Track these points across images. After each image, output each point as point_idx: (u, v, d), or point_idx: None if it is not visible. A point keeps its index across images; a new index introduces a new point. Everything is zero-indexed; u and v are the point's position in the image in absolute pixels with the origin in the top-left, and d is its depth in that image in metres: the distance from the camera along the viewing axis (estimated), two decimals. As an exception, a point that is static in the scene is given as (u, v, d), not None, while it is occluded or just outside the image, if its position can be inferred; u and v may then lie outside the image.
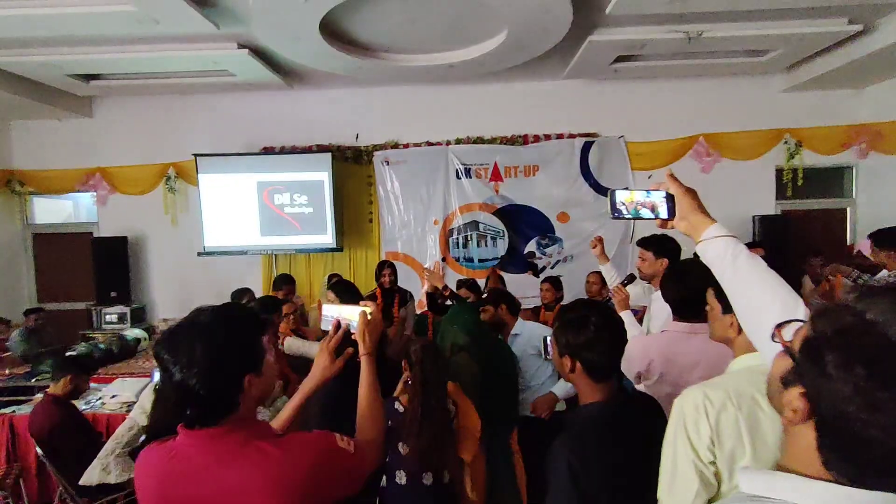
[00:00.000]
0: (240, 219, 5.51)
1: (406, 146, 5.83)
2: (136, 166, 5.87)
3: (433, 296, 3.80)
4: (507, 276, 5.69)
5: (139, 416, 2.07)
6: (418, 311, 4.58)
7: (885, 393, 0.54)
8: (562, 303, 4.17)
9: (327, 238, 5.57)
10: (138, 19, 3.81)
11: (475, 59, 4.70)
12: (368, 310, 1.33)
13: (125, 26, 3.96)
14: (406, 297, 4.21)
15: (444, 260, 5.86)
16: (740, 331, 1.25)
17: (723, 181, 5.73)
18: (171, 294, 5.92)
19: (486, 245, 5.85)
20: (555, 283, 4.05)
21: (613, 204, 1.15)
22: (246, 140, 5.79)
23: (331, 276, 4.52)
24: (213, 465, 0.97)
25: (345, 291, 3.00)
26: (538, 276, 5.76)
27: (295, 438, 1.05)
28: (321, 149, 5.71)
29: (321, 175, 5.52)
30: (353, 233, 5.91)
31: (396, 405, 2.14)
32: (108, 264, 5.57)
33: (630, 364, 1.87)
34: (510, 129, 5.77)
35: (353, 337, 1.33)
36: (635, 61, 5.04)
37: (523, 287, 5.43)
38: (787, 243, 5.38)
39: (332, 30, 4.27)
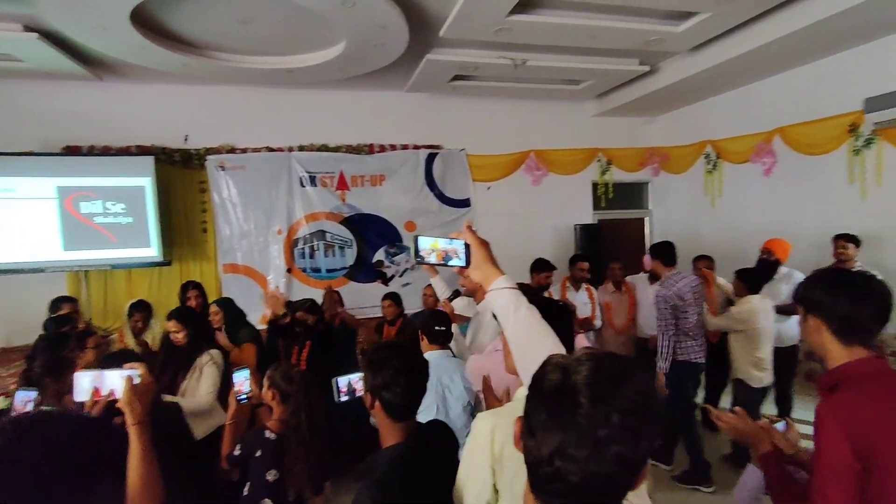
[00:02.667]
0: (34, 230, 4.66)
1: (244, 151, 5.47)
2: None
3: (274, 321, 3.63)
4: (356, 286, 5.71)
5: None
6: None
7: (543, 417, 0.67)
8: (403, 315, 4.26)
9: (151, 251, 4.99)
10: None
11: (314, 66, 4.60)
12: (137, 373, 1.22)
13: None
14: None
15: (289, 271, 5.63)
16: None
17: (550, 193, 6.40)
18: (-62, 323, 4.80)
19: (334, 255, 5.76)
20: (395, 299, 4.13)
21: (417, 249, 1.19)
22: (42, 138, 4.91)
23: (133, 306, 3.78)
24: None
25: (192, 320, 2.75)
26: (387, 285, 5.84)
27: None
28: (142, 150, 5.09)
29: (141, 180, 4.92)
30: (183, 244, 5.37)
31: (267, 434, 2.15)
32: None
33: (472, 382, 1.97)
34: (355, 138, 5.75)
35: (117, 405, 1.19)
36: (472, 80, 5.37)
37: (372, 297, 5.45)
38: (602, 248, 6.19)
39: (148, 22, 3.84)
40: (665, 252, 3.70)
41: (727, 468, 3.70)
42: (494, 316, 2.23)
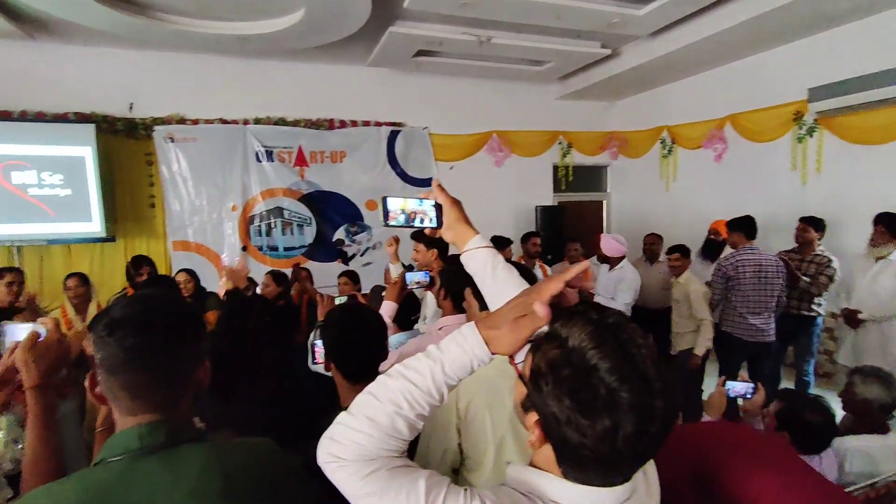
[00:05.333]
0: (-42, 201, 4.29)
1: (195, 122, 5.19)
2: None
3: (236, 294, 3.47)
4: (315, 265, 5.57)
5: None
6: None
7: (586, 420, 0.64)
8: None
9: (93, 226, 4.68)
10: None
11: (271, 34, 4.39)
12: (43, 329, 1.10)
13: None
14: None
15: (245, 249, 5.43)
16: None
17: (512, 174, 6.43)
18: None
19: (292, 233, 5.60)
20: (352, 277, 4.07)
21: (386, 211, 1.14)
22: (-34, 100, 4.50)
23: (69, 276, 3.57)
24: None
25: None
26: (347, 264, 5.74)
27: None
28: (81, 118, 4.74)
29: (82, 150, 4.59)
30: (129, 219, 5.08)
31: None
32: None
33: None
34: (315, 112, 5.56)
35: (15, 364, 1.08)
36: (436, 56, 5.28)
37: (332, 276, 5.31)
38: (562, 230, 6.28)
39: (86, -25, 3.54)
40: (746, 225, 3.81)
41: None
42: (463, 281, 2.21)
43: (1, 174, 4.39)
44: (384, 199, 1.15)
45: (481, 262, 1.12)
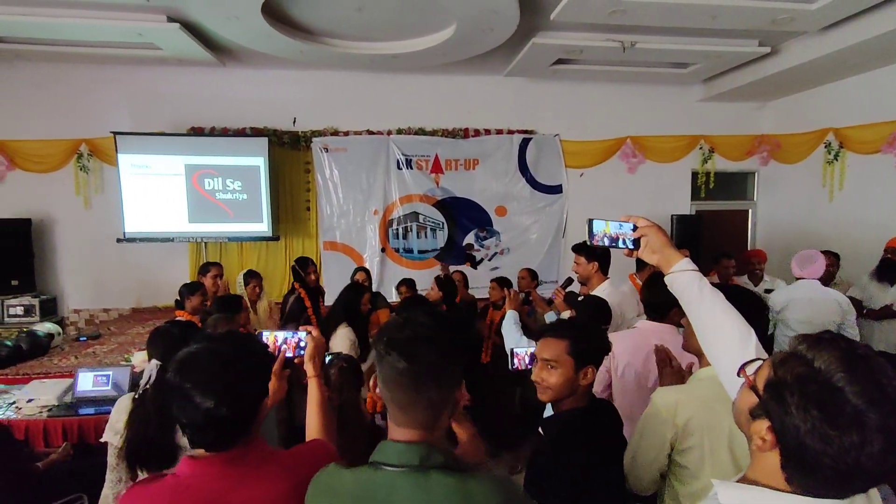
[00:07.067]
0: (165, 203, 5.16)
1: (346, 134, 5.72)
2: (41, 141, 5.28)
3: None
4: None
5: (113, 438, 1.80)
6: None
7: (833, 431, 0.68)
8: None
9: (262, 226, 5.36)
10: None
11: (420, 51, 4.69)
12: (315, 333, 1.40)
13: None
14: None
15: (383, 250, 5.85)
16: None
17: (646, 181, 6.18)
18: (85, 283, 5.43)
19: (426, 236, 5.92)
20: (500, 282, 4.20)
21: (591, 233, 1.24)
22: (171, 119, 5.39)
23: (248, 274, 4.05)
24: (235, 487, 1.00)
25: None
26: (476, 268, 5.93)
27: (304, 451, 1.15)
28: (256, 132, 5.47)
29: (256, 160, 5.28)
30: (289, 221, 5.74)
31: None
32: (7, 249, 5.00)
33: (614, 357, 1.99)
34: (451, 122, 5.83)
35: (296, 361, 1.39)
36: (573, 64, 5.26)
37: (462, 278, 5.56)
38: (700, 241, 5.91)
39: (274, 10, 4.08)
40: None
41: None
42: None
43: (196, 181, 5.20)
44: (590, 222, 1.26)
45: (686, 285, 1.17)
